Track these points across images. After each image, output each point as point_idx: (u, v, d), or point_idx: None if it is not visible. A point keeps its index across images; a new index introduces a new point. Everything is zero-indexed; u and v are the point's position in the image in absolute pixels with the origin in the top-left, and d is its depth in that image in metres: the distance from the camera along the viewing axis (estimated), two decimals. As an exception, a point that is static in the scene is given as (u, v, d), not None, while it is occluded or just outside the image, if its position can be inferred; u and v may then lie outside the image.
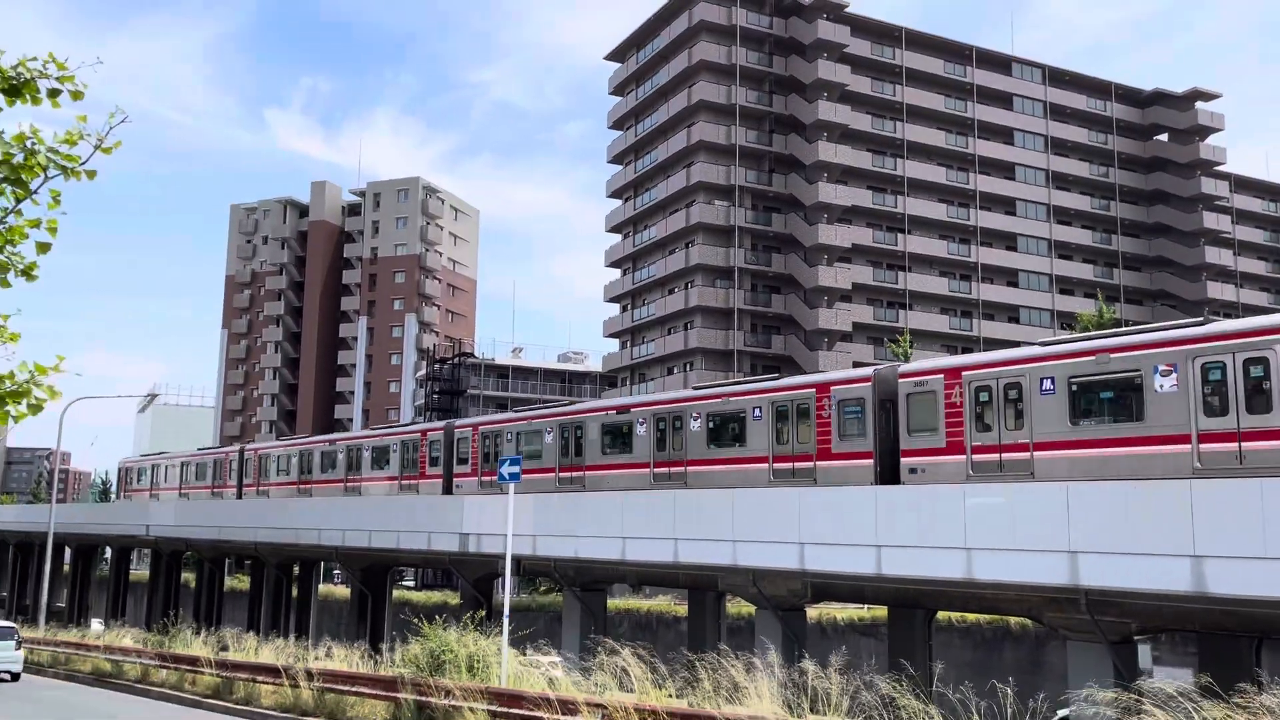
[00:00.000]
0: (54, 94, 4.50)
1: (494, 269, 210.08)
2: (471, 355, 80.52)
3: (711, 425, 23.65)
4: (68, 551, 53.43)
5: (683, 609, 35.74)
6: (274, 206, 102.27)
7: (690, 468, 23.89)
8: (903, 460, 19.77)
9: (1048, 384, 17.65)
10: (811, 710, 12.10)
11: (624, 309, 72.74)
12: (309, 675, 18.33)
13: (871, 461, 20.32)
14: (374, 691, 16.95)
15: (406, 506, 30.89)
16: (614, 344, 73.87)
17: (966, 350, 62.73)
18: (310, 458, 38.26)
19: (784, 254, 65.82)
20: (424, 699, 15.57)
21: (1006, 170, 72.80)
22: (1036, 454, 17.68)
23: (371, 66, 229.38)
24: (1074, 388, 17.41)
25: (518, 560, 25.04)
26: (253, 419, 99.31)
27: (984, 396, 18.60)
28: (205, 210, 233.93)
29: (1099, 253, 75.50)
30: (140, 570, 62.14)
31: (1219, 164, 77.96)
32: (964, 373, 19.07)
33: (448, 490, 31.25)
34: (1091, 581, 14.94)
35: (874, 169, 67.68)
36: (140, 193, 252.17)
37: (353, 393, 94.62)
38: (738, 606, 33.52)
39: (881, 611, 32.40)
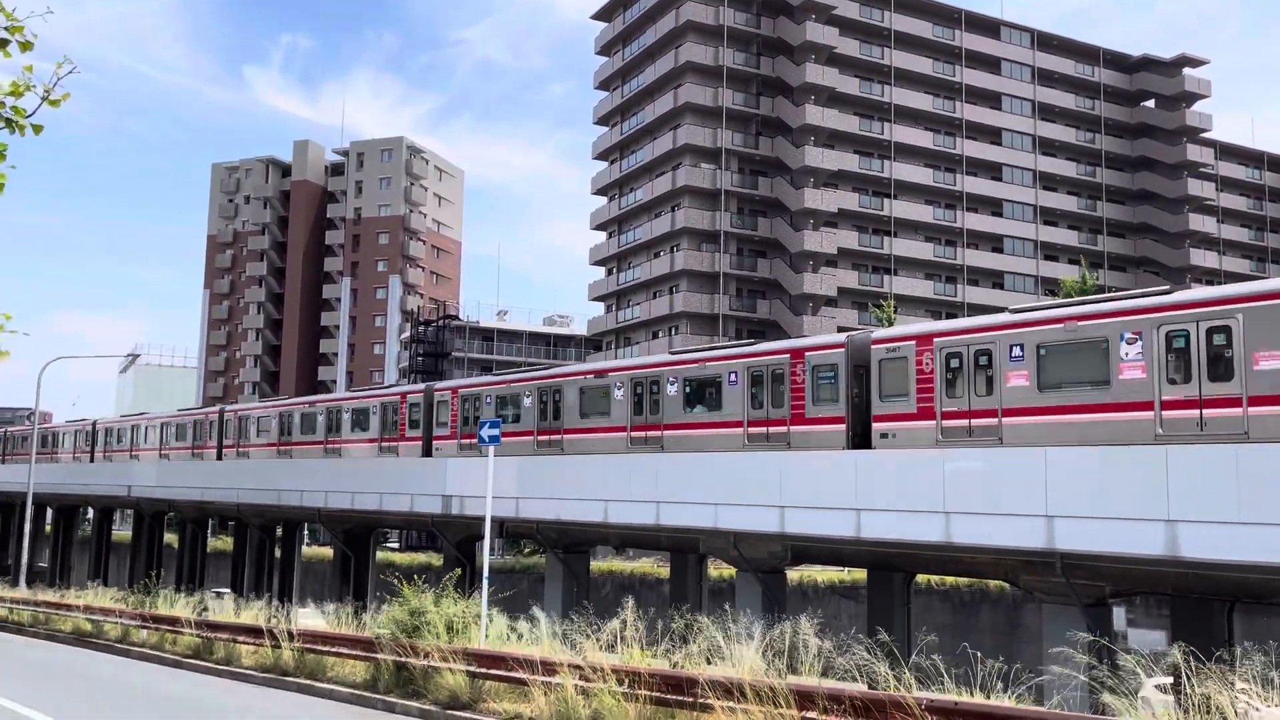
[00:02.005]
0: (2, 44, 4.36)
1: (478, 231, 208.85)
2: (456, 318, 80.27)
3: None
4: (49, 512, 53.29)
5: (665, 571, 36.01)
6: (256, 166, 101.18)
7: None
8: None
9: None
10: (791, 671, 12.20)
11: (609, 272, 72.53)
12: (289, 635, 18.36)
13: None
14: (353, 652, 16.99)
15: (389, 468, 30.90)
16: (599, 307, 73.74)
17: (951, 316, 62.87)
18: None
19: (770, 218, 65.64)
20: (402, 659, 15.62)
21: (993, 136, 72.62)
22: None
23: (352, 24, 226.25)
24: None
25: (500, 522, 25.12)
26: (235, 380, 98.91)
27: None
28: (185, 169, 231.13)
29: (1084, 219, 75.61)
30: (123, 531, 62.07)
31: (1205, 130, 78.01)
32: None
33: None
34: (1067, 545, 15.10)
35: (861, 133, 67.39)
36: (114, 151, 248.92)
37: (336, 354, 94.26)
38: (719, 569, 33.77)
39: (861, 574, 32.71)
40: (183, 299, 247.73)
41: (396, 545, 62.33)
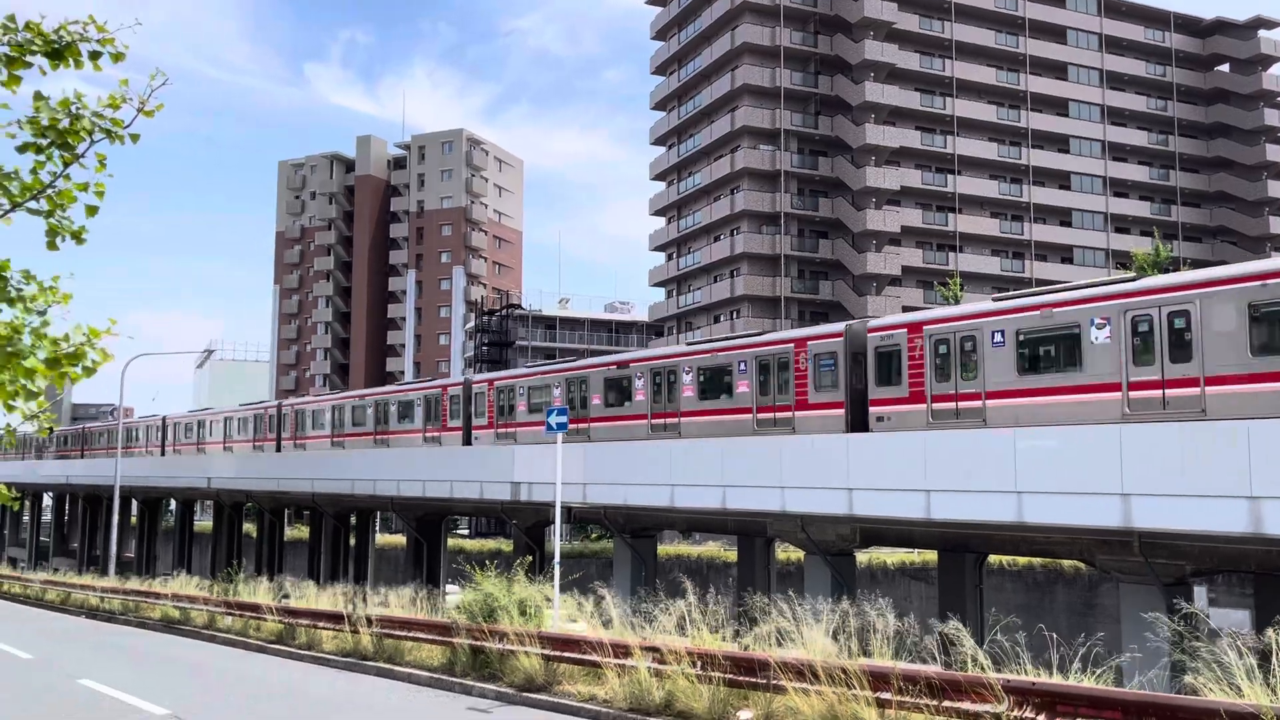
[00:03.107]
0: (95, 56, 4.57)
1: (537, 219, 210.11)
2: (519, 307, 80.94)
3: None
4: (134, 504, 55.10)
5: (733, 554, 36.07)
6: (320, 162, 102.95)
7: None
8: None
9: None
10: (862, 654, 12.19)
11: (669, 257, 72.48)
12: (368, 621, 18.82)
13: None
14: (430, 636, 17.36)
15: (459, 457, 31.41)
16: (660, 293, 73.76)
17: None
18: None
19: (831, 198, 64.98)
20: (478, 643, 15.93)
21: (1060, 107, 70.88)
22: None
23: (408, 17, 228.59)
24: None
25: (568, 508, 25.39)
26: (307, 373, 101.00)
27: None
28: (252, 167, 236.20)
29: (1156, 189, 73.51)
30: (204, 521, 63.99)
31: (1284, 94, 75.21)
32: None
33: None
34: (1144, 523, 14.82)
35: (922, 109, 66.29)
36: (186, 152, 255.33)
37: (403, 345, 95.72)
38: (787, 552, 33.72)
39: (932, 555, 32.42)
40: (254, 295, 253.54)
41: (467, 532, 63.26)
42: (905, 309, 53.98)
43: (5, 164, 4.62)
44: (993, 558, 31.10)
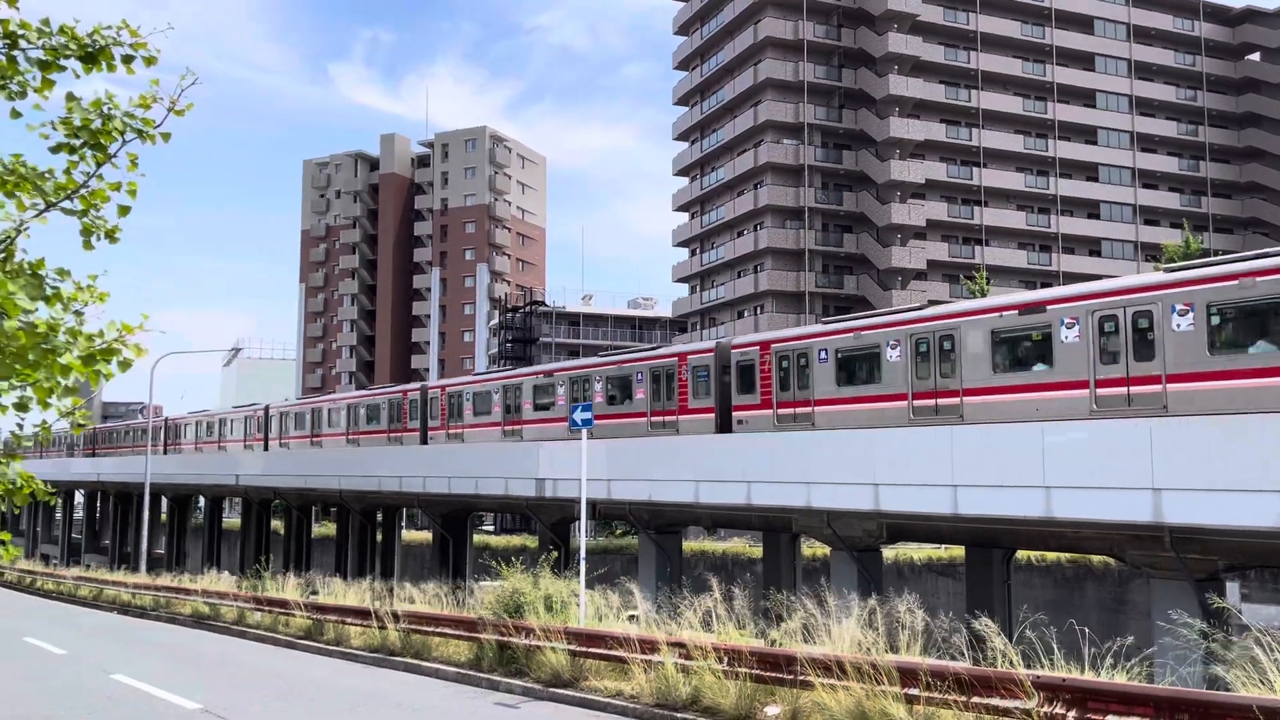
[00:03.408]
0: (128, 60, 4.62)
1: (560, 215, 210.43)
2: (542, 303, 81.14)
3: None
4: (164, 501, 55.69)
5: (758, 551, 36.00)
6: (345, 161, 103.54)
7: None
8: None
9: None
10: (889, 649, 12.14)
11: (693, 253, 72.40)
12: (395, 617, 18.93)
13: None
14: (457, 632, 17.44)
15: (484, 454, 31.52)
16: (683, 289, 73.69)
17: (1046, 285, 61.04)
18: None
19: (855, 192, 64.67)
20: (505, 639, 15.99)
21: (1087, 98, 70.16)
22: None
23: (430, 15, 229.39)
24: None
25: (593, 504, 25.41)
26: (333, 370, 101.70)
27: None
28: (278, 167, 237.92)
29: (1186, 180, 72.62)
30: (233, 518, 64.61)
31: (1316, 82, 74.08)
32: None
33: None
34: (1175, 518, 14.65)
35: (947, 101, 65.84)
36: (212, 152, 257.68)
37: (428, 343, 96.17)
38: (813, 548, 33.63)
39: (959, 552, 32.22)
40: (281, 293, 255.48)
41: (492, 528, 63.50)
42: (931, 303, 53.58)
43: (39, 164, 4.67)
44: (1021, 553, 30.89)
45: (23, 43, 4.48)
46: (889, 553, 34.93)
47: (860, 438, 20.34)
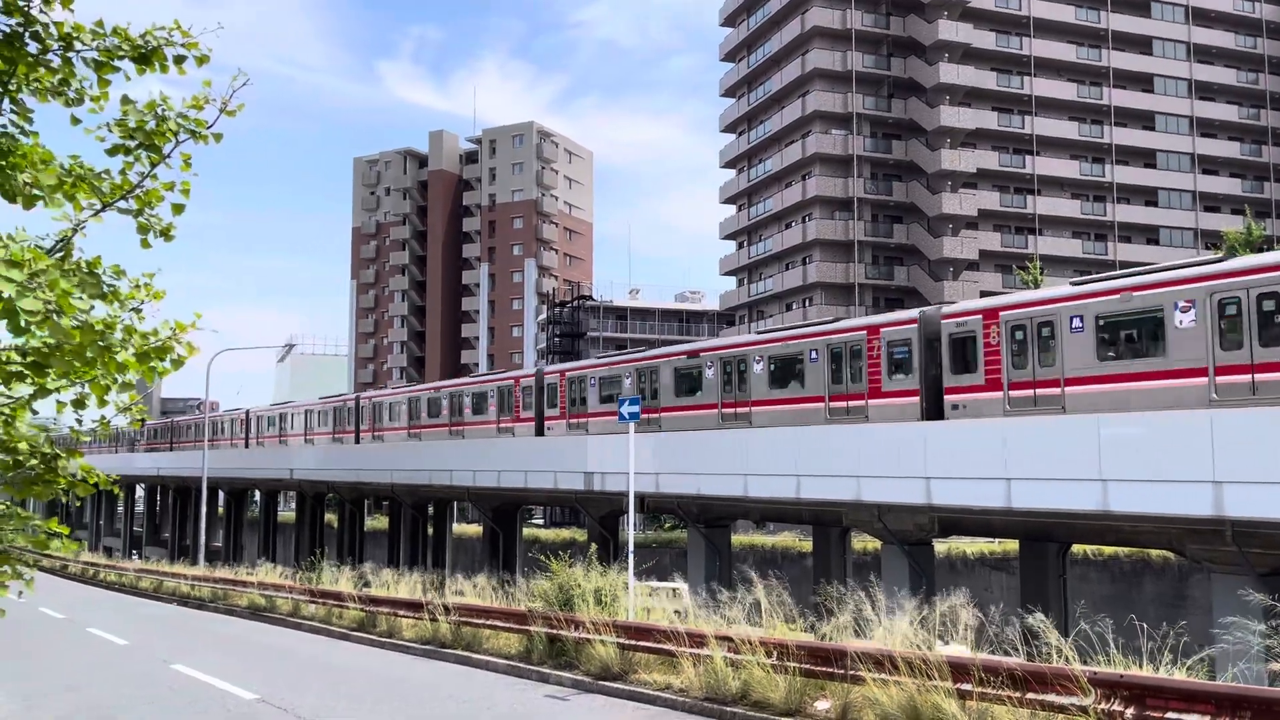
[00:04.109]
0: (180, 60, 4.71)
1: (607, 209, 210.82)
2: (590, 298, 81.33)
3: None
4: (221, 495, 56.83)
5: (808, 544, 35.79)
6: (394, 158, 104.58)
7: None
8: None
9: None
10: (941, 644, 12.00)
11: (740, 245, 72.09)
12: (446, 609, 19.12)
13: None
14: (507, 625, 17.57)
15: (534, 447, 31.70)
16: (730, 282, 73.45)
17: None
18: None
19: (905, 182, 63.92)
20: (555, 632, 16.08)
21: (1144, 83, 68.59)
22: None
23: (476, 11, 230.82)
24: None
25: (641, 498, 25.46)
26: (384, 366, 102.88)
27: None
28: (327, 164, 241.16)
29: (1248, 166, 70.72)
30: (288, 512, 65.73)
31: (1385, 62, 71.73)
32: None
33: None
34: (1237, 512, 14.31)
35: (999, 89, 64.78)
36: (265, 151, 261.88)
37: (477, 338, 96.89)
38: (864, 541, 33.36)
39: (1013, 545, 31.77)
40: (333, 289, 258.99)
41: (542, 521, 63.87)
42: (984, 294, 52.78)
43: (95, 165, 4.78)
44: (1076, 548, 30.33)
45: (77, 44, 4.58)
46: (941, 546, 34.55)
47: (911, 430, 20.11)
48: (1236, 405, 15.82)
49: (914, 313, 22.15)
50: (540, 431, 33.09)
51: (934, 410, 21.08)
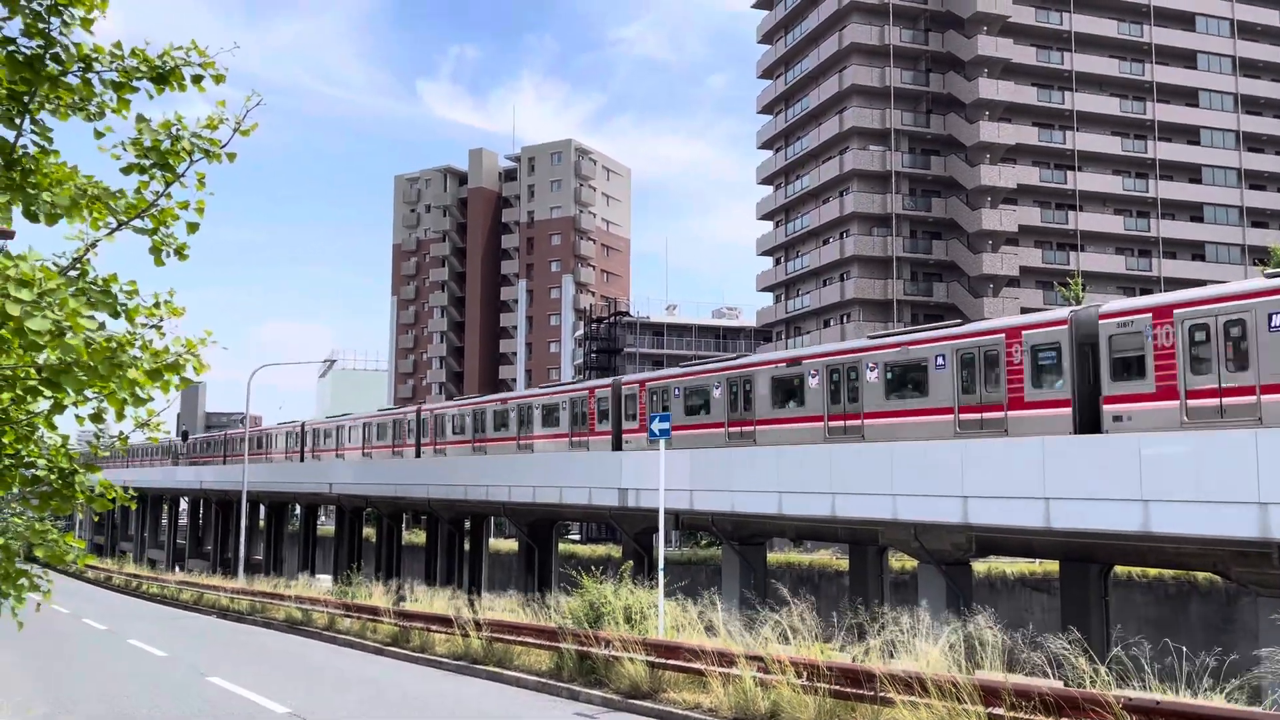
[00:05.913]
0: (197, 80, 4.78)
1: (643, 225, 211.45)
2: (627, 314, 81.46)
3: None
4: (262, 509, 57.45)
5: (845, 563, 35.43)
6: (434, 176, 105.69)
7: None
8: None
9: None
10: (975, 666, 11.80)
11: (777, 261, 71.86)
12: (477, 625, 19.15)
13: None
14: (538, 641, 17.56)
15: (568, 462, 31.65)
16: (768, 298, 73.19)
17: (1145, 292, 58.96)
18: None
19: (944, 198, 63.42)
20: (585, 649, 16.02)
21: (1189, 96, 67.58)
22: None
23: (514, 30, 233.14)
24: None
25: (675, 514, 25.35)
26: (423, 381, 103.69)
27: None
28: (367, 182, 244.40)
29: (1297, 180, 69.37)
30: (328, 526, 66.25)
31: None
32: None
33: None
34: (1283, 535, 13.92)
35: (1039, 104, 64.13)
36: (306, 168, 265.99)
37: (515, 354, 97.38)
38: (901, 560, 32.98)
39: (1054, 565, 31.24)
40: (374, 305, 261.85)
41: (578, 537, 63.87)
42: (1024, 310, 52.13)
43: (111, 184, 4.86)
44: (1120, 569, 29.74)
45: (97, 65, 4.66)
46: (980, 566, 34.06)
47: (948, 449, 19.83)
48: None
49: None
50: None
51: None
